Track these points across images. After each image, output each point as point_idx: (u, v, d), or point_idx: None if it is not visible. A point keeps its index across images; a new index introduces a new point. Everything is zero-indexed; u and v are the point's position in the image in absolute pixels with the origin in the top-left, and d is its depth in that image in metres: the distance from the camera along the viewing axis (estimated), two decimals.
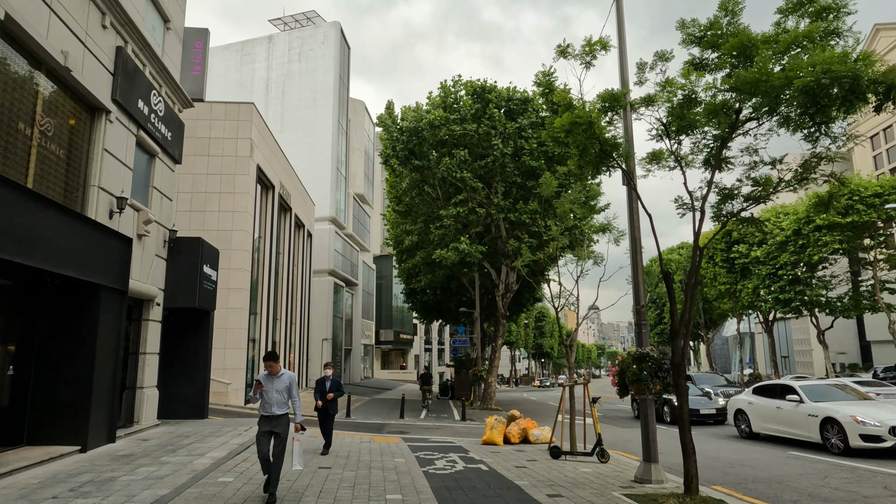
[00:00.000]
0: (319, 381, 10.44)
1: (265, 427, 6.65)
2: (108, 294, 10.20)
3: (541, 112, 22.54)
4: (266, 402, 6.69)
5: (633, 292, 8.37)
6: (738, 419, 14.49)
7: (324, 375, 10.46)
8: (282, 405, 6.72)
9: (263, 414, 6.71)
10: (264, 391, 6.70)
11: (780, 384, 13.69)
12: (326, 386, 10.32)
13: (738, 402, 14.79)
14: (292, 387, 6.81)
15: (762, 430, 13.57)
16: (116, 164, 10.82)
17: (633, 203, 8.58)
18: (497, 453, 11.01)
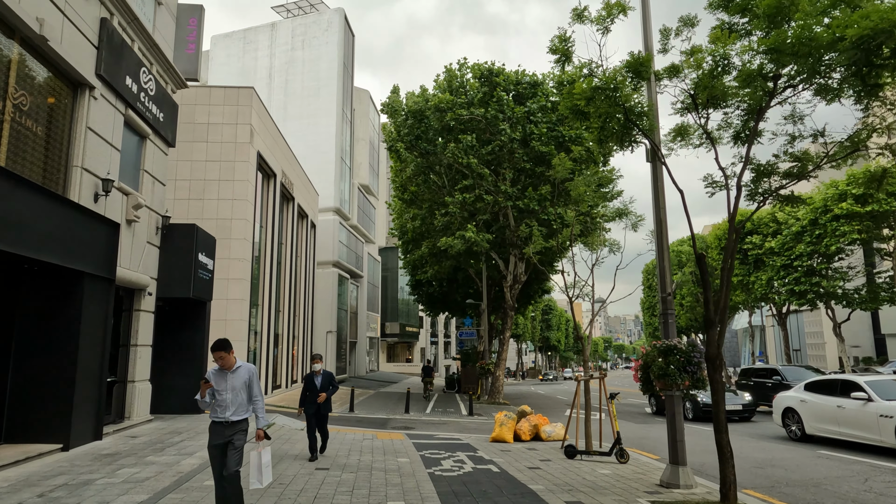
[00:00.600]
0: (308, 378, 9.10)
1: (218, 438, 5.21)
2: (93, 282, 9.57)
3: (551, 96, 21.73)
4: (219, 405, 5.27)
5: (658, 279, 7.64)
6: (788, 419, 12.92)
7: (312, 371, 9.11)
8: (240, 408, 5.30)
9: (215, 420, 5.26)
10: (216, 392, 5.28)
11: (840, 379, 12.14)
12: (317, 382, 9.02)
13: (787, 399, 13.16)
14: (253, 383, 5.43)
15: (818, 432, 12.02)
16: (102, 144, 10.16)
17: (658, 181, 7.83)
18: (508, 452, 10.34)
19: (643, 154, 11.35)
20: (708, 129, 7.82)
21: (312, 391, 8.98)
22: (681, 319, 54.68)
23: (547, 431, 12.33)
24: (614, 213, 11.98)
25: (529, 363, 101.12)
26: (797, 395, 12.86)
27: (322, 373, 9.14)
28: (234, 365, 5.37)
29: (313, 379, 9.08)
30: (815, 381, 12.81)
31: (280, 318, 25.65)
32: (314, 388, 8.99)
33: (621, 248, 12.64)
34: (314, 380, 9.07)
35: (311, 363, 9.28)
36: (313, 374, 9.11)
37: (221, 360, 5.27)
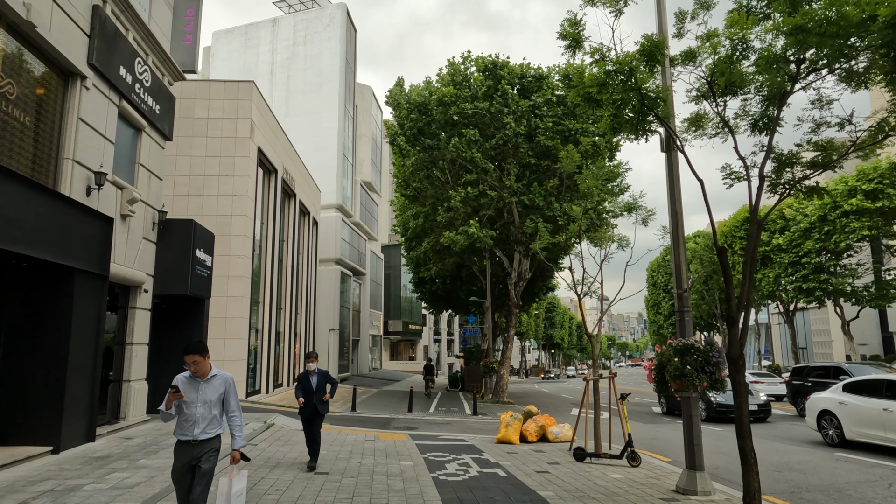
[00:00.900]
0: (302, 377, 8.27)
1: (184, 458, 4.40)
2: (85, 278, 9.24)
3: (556, 90, 21.32)
4: (187, 419, 4.43)
5: (674, 275, 7.26)
6: (825, 423, 11.87)
7: (307, 370, 8.28)
8: (212, 424, 4.47)
9: (182, 439, 4.45)
10: (184, 404, 4.44)
11: (885, 380, 11.05)
12: (312, 382, 8.19)
13: (823, 401, 12.04)
14: (230, 395, 4.60)
15: (860, 437, 11.02)
16: (94, 136, 9.83)
17: (673, 172, 7.46)
18: (514, 454, 9.99)
19: (648, 150, 11.02)
20: (725, 117, 7.45)
21: (307, 392, 8.12)
22: None
23: (554, 432, 11.98)
24: (623, 208, 11.58)
25: (533, 361, 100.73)
26: (835, 397, 11.77)
27: (317, 372, 8.32)
28: (208, 373, 4.53)
29: (308, 379, 8.20)
30: (855, 381, 11.81)
31: (282, 315, 25.35)
32: (309, 390, 8.12)
33: (630, 243, 12.26)
34: (309, 380, 8.20)
35: (306, 362, 8.37)
36: (307, 373, 8.25)
37: (194, 366, 4.45)
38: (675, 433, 14.06)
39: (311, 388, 8.16)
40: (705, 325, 56.34)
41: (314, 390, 8.16)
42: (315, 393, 8.15)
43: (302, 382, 8.21)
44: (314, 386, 8.18)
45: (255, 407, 17.18)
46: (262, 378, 21.67)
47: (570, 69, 20.62)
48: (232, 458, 4.49)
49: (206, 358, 4.53)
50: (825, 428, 11.91)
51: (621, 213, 11.86)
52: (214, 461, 4.52)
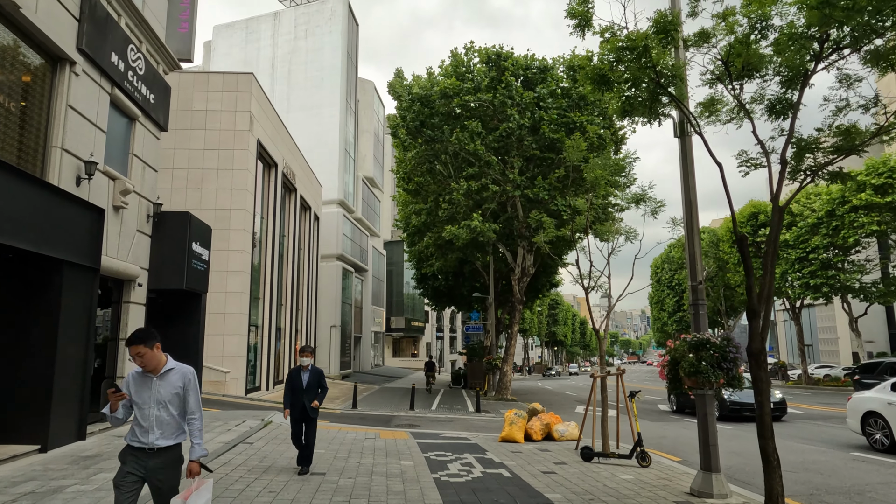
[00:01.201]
0: (293, 375, 7.39)
1: (136, 467, 3.64)
2: (74, 271, 8.92)
3: (561, 82, 20.93)
4: (139, 423, 3.68)
5: (688, 266, 6.91)
6: (871, 425, 10.83)
7: (299, 365, 7.48)
8: (170, 430, 3.71)
9: (133, 444, 3.68)
10: (135, 405, 3.72)
11: None
12: (303, 380, 7.33)
13: (868, 401, 10.93)
14: (189, 393, 3.80)
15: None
16: (84, 125, 9.50)
17: (687, 158, 7.09)
18: (519, 454, 9.66)
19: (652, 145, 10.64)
20: (742, 100, 7.08)
21: (297, 390, 7.35)
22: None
23: (560, 431, 11.64)
24: (631, 200, 11.21)
25: (536, 358, 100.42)
26: (883, 397, 10.67)
27: (311, 369, 7.49)
28: (162, 367, 3.76)
29: (299, 375, 7.38)
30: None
31: (282, 311, 25.06)
32: (299, 387, 7.34)
33: (639, 236, 11.88)
34: (300, 376, 7.37)
35: (300, 356, 7.47)
36: (300, 369, 7.45)
37: (140, 360, 3.65)
38: (685, 432, 13.71)
39: (301, 387, 7.35)
40: (710, 322, 55.97)
41: (304, 389, 7.36)
42: (305, 392, 7.35)
43: (292, 380, 7.40)
44: (304, 384, 7.37)
45: (254, 404, 16.89)
46: (261, 375, 21.39)
47: (575, 60, 20.20)
48: (189, 470, 3.69)
49: (156, 349, 3.70)
50: (871, 431, 10.89)
51: (629, 206, 11.47)
52: (175, 478, 3.75)
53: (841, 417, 16.47)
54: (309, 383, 7.41)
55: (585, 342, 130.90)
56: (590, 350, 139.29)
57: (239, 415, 12.44)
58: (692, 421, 16.05)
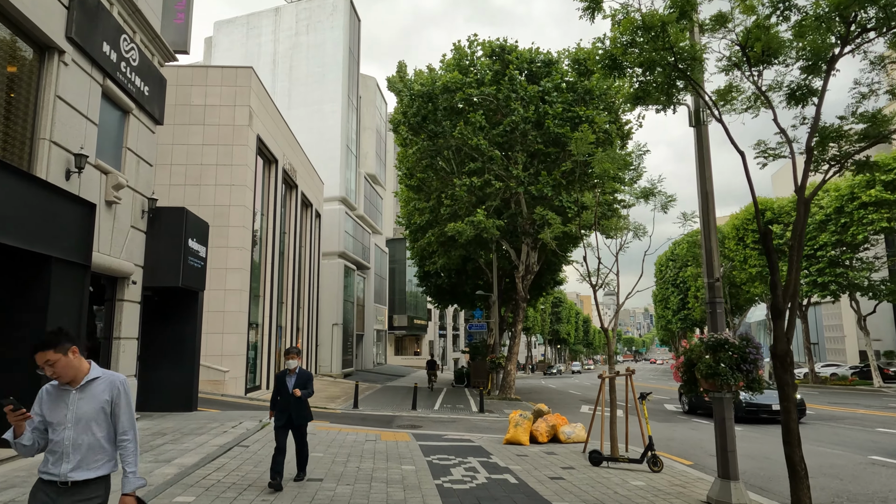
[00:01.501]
0: (279, 378, 6.87)
1: None
2: (63, 268, 8.60)
3: (566, 76, 20.53)
4: (52, 450, 2.84)
5: (704, 262, 6.55)
6: None
7: (286, 368, 6.87)
8: (91, 456, 2.85)
9: (43, 477, 2.83)
10: (49, 426, 2.89)
11: None
12: (289, 384, 6.79)
13: None
14: (120, 408, 2.96)
15: None
16: (74, 116, 9.17)
17: (703, 148, 6.72)
18: (524, 457, 9.31)
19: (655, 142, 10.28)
20: (761, 86, 6.71)
21: (284, 393, 6.79)
22: (695, 312, 53.41)
23: (566, 433, 11.30)
24: (640, 194, 10.83)
25: (539, 356, 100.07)
26: None
27: (298, 372, 6.85)
28: (83, 376, 2.93)
29: (285, 379, 6.81)
30: None
31: (283, 309, 24.75)
32: (287, 391, 6.79)
33: (647, 232, 11.51)
34: (286, 381, 6.80)
35: (286, 358, 6.82)
36: (286, 372, 6.83)
37: (52, 369, 2.85)
38: (694, 433, 13.36)
39: (288, 392, 6.78)
40: None
41: (291, 393, 6.77)
42: (292, 397, 6.79)
43: (278, 385, 6.84)
44: (291, 389, 6.76)
45: (253, 404, 16.59)
46: (262, 374, 21.10)
47: (580, 53, 19.81)
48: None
49: (72, 354, 2.87)
50: None
51: (637, 201, 11.09)
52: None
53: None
54: (296, 387, 6.78)
55: (589, 340, 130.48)
56: (593, 348, 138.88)
57: (236, 415, 12.13)
58: (701, 422, 15.68)
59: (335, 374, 33.10)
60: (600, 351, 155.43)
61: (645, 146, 10.57)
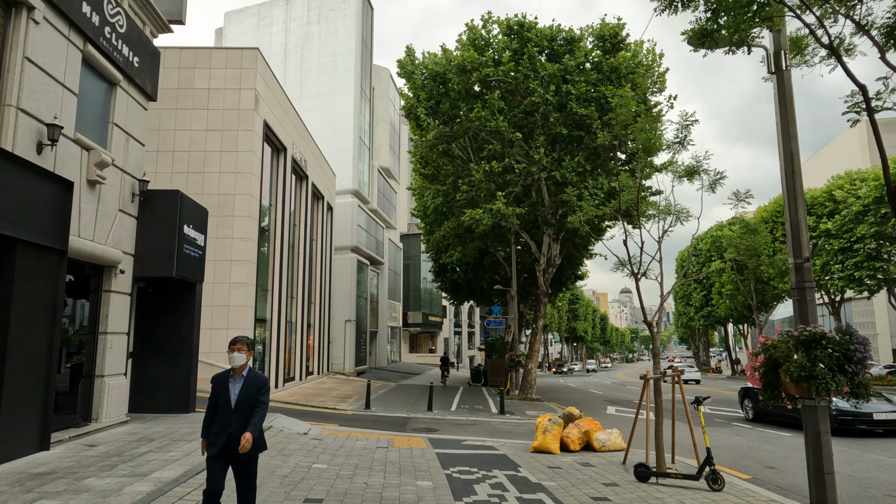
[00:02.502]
0: (218, 382, 4.60)
1: None
2: (32, 253, 7.58)
3: (590, 55, 19.20)
4: None
5: (790, 239, 5.30)
6: None
7: (229, 369, 4.63)
8: None
9: None
10: None
11: None
12: (232, 392, 4.52)
13: None
14: None
15: None
16: (47, 83, 8.14)
17: (784, 98, 5.46)
18: (557, 470, 8.12)
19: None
20: (857, 18, 5.44)
21: (223, 413, 4.47)
22: (720, 309, 51.65)
23: (601, 440, 10.08)
24: (684, 171, 9.58)
25: (555, 354, 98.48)
26: None
27: (247, 375, 4.58)
28: None
29: (227, 386, 4.54)
30: None
31: (293, 305, 23.76)
32: (225, 406, 4.48)
33: (691, 215, 10.23)
34: (228, 387, 4.54)
35: (228, 351, 4.58)
36: (229, 374, 4.59)
37: None
38: (739, 439, 12.05)
39: (229, 405, 4.46)
40: (739, 317, 53.69)
41: (233, 409, 4.45)
42: (234, 413, 4.44)
43: (215, 392, 4.55)
44: (233, 400, 4.47)
45: None
46: (270, 372, 20.09)
47: (605, 29, 18.48)
48: None
49: None
50: None
51: (679, 180, 9.82)
52: None
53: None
54: (241, 399, 4.46)
55: (606, 338, 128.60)
56: (610, 346, 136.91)
57: None
58: (743, 426, 14.35)
59: (348, 372, 32.11)
60: (616, 349, 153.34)
61: (693, 114, 9.27)
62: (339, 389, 22.70)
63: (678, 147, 9.64)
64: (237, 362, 4.55)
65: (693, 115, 9.33)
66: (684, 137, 9.45)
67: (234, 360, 4.54)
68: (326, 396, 19.64)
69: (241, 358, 4.57)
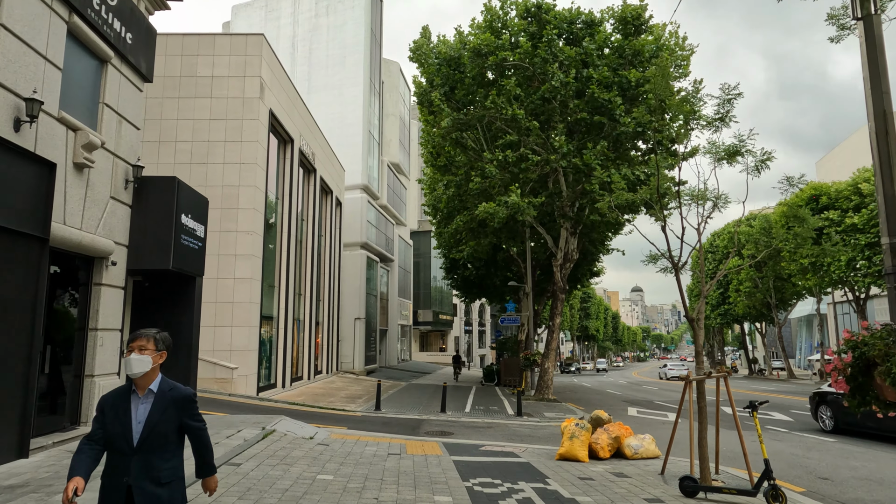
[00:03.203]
0: (109, 405, 2.93)
1: None
2: (8, 240, 6.86)
3: (610, 38, 18.29)
4: None
5: (883, 216, 4.43)
6: None
7: (127, 384, 2.96)
8: None
9: None
10: None
11: None
12: (134, 417, 2.89)
13: None
14: None
15: None
16: (26, 53, 7.41)
17: (875, 48, 4.58)
18: (589, 482, 7.28)
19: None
20: None
21: (118, 442, 2.86)
22: (738, 307, 50.46)
23: (632, 446, 9.22)
24: (725, 152, 8.70)
25: (567, 353, 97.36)
26: None
27: (158, 389, 2.97)
28: None
29: (127, 405, 2.91)
30: None
31: (301, 302, 23.06)
32: (122, 436, 2.86)
33: (730, 201, 9.34)
34: (128, 411, 2.90)
35: (127, 353, 2.94)
36: (129, 387, 2.97)
37: None
38: (778, 444, 11.12)
39: (128, 439, 2.86)
40: (758, 315, 52.41)
41: (135, 446, 2.85)
42: (138, 452, 2.86)
43: (105, 422, 2.90)
44: (136, 431, 2.87)
45: (264, 405, 14.85)
46: (277, 371, 19.40)
47: (627, 10, 17.55)
48: None
49: None
50: None
51: (719, 163, 8.93)
52: None
53: None
54: (150, 428, 2.89)
55: (618, 337, 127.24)
56: (622, 345, 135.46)
57: (238, 421, 10.34)
58: (779, 430, 13.40)
59: (357, 371, 31.40)
60: (628, 348, 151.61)
61: (735, 87, 8.38)
62: (349, 389, 21.96)
63: (720, 125, 8.77)
64: (136, 368, 2.86)
65: (736, 88, 8.46)
66: (726, 113, 8.58)
67: (132, 366, 2.86)
68: (335, 397, 18.90)
69: (144, 362, 2.87)
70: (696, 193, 9.20)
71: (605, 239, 25.92)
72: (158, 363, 3.02)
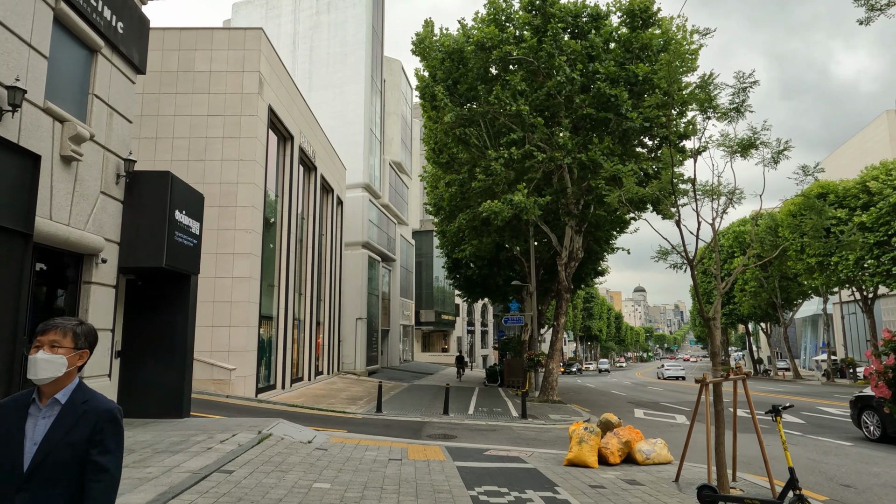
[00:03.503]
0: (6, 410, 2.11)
1: None
2: None
3: (616, 32, 17.90)
4: None
5: None
6: None
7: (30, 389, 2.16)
8: None
9: None
10: None
11: None
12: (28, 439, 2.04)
13: None
14: None
15: None
16: (8, 39, 7.06)
17: None
18: (601, 490, 6.90)
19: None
20: None
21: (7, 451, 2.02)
22: (743, 307, 50.00)
23: (644, 451, 8.84)
24: (739, 145, 8.32)
25: (569, 353, 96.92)
26: None
27: (67, 399, 2.12)
28: None
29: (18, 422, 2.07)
30: None
31: (302, 302, 22.71)
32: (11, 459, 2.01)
33: (744, 196, 8.96)
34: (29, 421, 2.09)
35: (31, 350, 2.13)
36: (30, 394, 2.15)
37: None
38: (794, 448, 10.71)
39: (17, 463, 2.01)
40: (763, 315, 51.94)
41: (24, 472, 2.00)
42: (29, 482, 2.00)
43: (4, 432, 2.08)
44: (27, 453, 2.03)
45: (262, 407, 14.50)
46: (276, 372, 19.05)
47: (634, 3, 17.15)
48: None
49: None
50: None
51: (734, 155, 8.55)
52: None
53: None
54: (46, 452, 2.04)
55: (620, 337, 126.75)
56: (624, 345, 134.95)
57: (234, 424, 9.98)
58: (794, 432, 13.01)
59: (359, 372, 31.04)
60: (631, 348, 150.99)
61: (751, 75, 7.99)
62: (350, 390, 21.60)
63: (735, 115, 8.39)
64: (44, 372, 2.08)
65: (752, 76, 8.07)
66: (742, 102, 8.19)
67: (38, 368, 2.08)
68: (336, 398, 18.54)
69: (56, 364, 2.11)
70: (709, 188, 8.82)
71: (610, 237, 25.56)
72: (77, 365, 2.18)
